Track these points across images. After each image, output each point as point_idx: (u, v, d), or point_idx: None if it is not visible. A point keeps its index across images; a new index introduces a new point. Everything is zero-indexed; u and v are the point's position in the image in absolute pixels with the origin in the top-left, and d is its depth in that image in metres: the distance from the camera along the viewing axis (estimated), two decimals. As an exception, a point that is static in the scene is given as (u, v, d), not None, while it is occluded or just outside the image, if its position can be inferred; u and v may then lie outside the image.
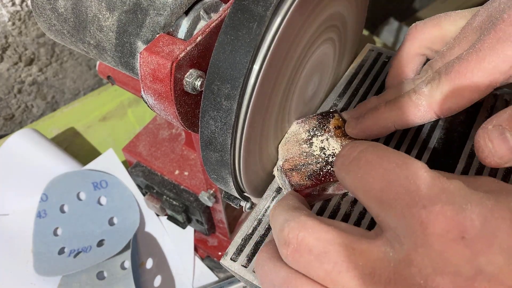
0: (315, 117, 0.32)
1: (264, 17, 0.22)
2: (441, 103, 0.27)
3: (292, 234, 0.21)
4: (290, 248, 0.21)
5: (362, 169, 0.22)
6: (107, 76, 0.50)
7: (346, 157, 0.23)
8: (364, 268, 0.19)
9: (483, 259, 0.17)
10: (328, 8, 0.29)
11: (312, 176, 0.29)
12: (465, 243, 0.18)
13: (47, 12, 0.32)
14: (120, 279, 0.56)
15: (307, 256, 0.20)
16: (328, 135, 0.31)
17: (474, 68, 0.26)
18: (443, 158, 0.31)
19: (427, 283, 0.18)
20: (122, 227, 0.60)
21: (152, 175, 0.56)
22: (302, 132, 0.31)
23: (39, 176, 0.62)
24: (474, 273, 0.17)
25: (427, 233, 0.18)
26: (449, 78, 0.26)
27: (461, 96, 0.26)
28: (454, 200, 0.19)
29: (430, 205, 0.19)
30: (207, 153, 0.27)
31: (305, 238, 0.21)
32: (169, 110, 0.28)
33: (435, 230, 0.18)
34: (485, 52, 0.25)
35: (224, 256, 0.28)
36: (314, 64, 0.31)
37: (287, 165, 0.30)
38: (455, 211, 0.18)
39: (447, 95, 0.27)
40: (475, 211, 0.18)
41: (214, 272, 0.62)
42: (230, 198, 0.33)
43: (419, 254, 0.18)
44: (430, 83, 0.28)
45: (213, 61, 0.24)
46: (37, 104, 0.85)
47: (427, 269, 0.18)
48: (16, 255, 0.59)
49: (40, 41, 0.76)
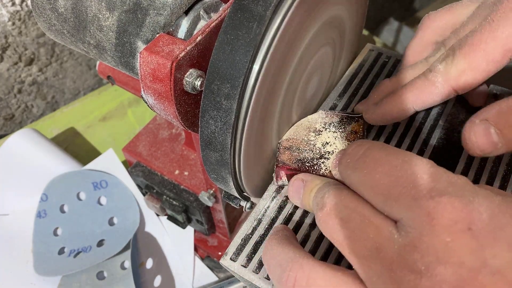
0: (339, 115, 0.32)
1: (264, 16, 0.22)
2: (458, 78, 0.27)
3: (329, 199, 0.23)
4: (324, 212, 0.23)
5: (369, 166, 0.22)
6: (107, 76, 0.50)
7: (352, 155, 0.23)
8: (373, 241, 0.20)
9: (489, 252, 0.17)
10: (328, 8, 0.29)
11: (300, 161, 0.29)
12: (472, 234, 0.18)
13: (47, 12, 0.32)
14: (120, 279, 0.56)
15: (334, 220, 0.22)
16: (340, 134, 0.31)
17: (487, 38, 0.25)
18: (443, 158, 0.31)
19: (428, 270, 0.18)
20: (122, 227, 0.60)
21: (152, 175, 0.56)
22: (319, 122, 0.32)
23: (39, 176, 0.62)
24: (479, 265, 0.17)
25: (434, 223, 0.18)
26: (464, 52, 0.26)
27: (477, 68, 0.26)
28: (463, 193, 0.19)
29: (437, 196, 0.19)
30: (207, 153, 0.27)
31: (337, 204, 0.22)
32: (169, 110, 0.28)
33: (443, 221, 0.18)
34: (498, 22, 0.25)
35: (224, 256, 0.28)
36: (314, 64, 0.31)
37: (285, 142, 0.30)
38: (463, 203, 0.18)
39: (463, 69, 0.26)
40: (483, 205, 0.18)
41: (214, 272, 0.62)
42: (230, 198, 0.33)
43: (424, 242, 0.18)
44: (445, 60, 0.27)
45: (213, 61, 0.24)
46: (37, 104, 0.85)
47: (430, 257, 0.18)
48: (16, 255, 0.59)
49: (40, 41, 0.76)
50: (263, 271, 0.27)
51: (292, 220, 0.29)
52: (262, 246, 0.28)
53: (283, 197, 0.30)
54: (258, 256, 0.27)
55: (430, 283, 0.18)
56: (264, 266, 0.26)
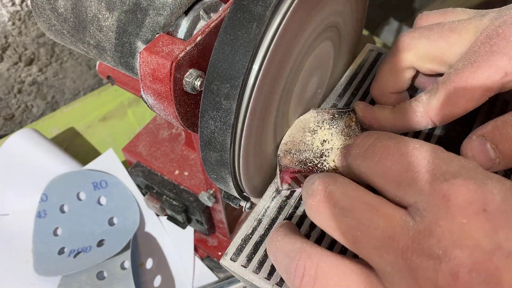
0: (330, 111, 0.32)
1: (263, 16, 0.22)
2: (437, 110, 0.28)
3: (322, 186, 0.22)
4: (316, 199, 0.22)
5: (379, 154, 0.22)
6: (107, 76, 0.50)
7: (361, 145, 0.24)
8: (384, 230, 0.20)
9: (503, 234, 0.17)
10: (328, 8, 0.29)
11: (302, 162, 0.29)
12: (486, 216, 0.18)
13: (47, 12, 0.32)
14: (120, 279, 0.56)
15: (332, 209, 0.21)
16: (335, 130, 0.31)
17: (468, 78, 0.27)
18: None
19: (446, 254, 0.18)
20: (122, 227, 0.60)
21: (152, 175, 0.56)
22: (312, 121, 0.31)
23: (39, 176, 0.62)
24: (493, 247, 0.17)
25: (449, 205, 0.19)
26: (445, 87, 0.28)
27: (456, 104, 0.28)
28: (475, 175, 0.19)
29: (452, 178, 0.19)
30: (206, 153, 0.27)
31: (333, 191, 0.22)
32: (169, 110, 0.28)
33: (458, 202, 0.18)
34: (479, 64, 0.27)
35: (224, 256, 0.28)
36: (313, 64, 0.31)
37: (284, 147, 0.30)
38: (477, 184, 0.19)
39: (443, 103, 0.28)
40: (496, 187, 0.19)
41: (214, 272, 0.62)
42: (230, 198, 0.33)
43: (440, 226, 0.18)
44: (429, 92, 0.29)
45: (213, 61, 0.24)
46: (37, 104, 0.85)
47: (446, 241, 0.18)
48: (16, 255, 0.59)
49: (40, 41, 0.76)
50: (263, 271, 0.27)
51: (292, 220, 0.29)
52: (262, 246, 0.28)
53: (283, 197, 0.30)
54: (258, 256, 0.27)
55: (448, 267, 0.18)
56: (269, 258, 0.26)
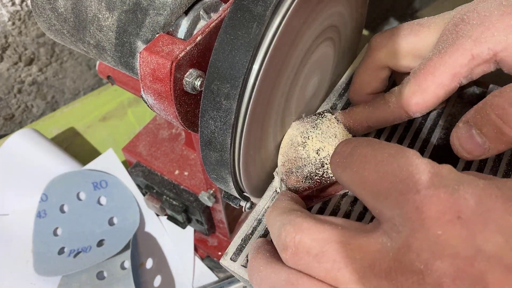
0: (308, 119, 0.31)
1: (263, 16, 0.22)
2: (408, 99, 0.29)
3: (289, 238, 0.21)
4: (289, 252, 0.21)
5: (357, 163, 0.22)
6: (107, 76, 0.50)
7: (340, 154, 0.23)
8: (362, 261, 0.19)
9: (481, 238, 0.17)
10: (328, 8, 0.29)
11: (308, 178, 0.28)
12: (461, 223, 0.18)
13: (47, 12, 0.32)
14: (120, 279, 0.56)
15: (306, 258, 0.21)
16: (322, 136, 0.30)
17: (436, 63, 0.27)
18: (443, 158, 0.31)
19: (427, 267, 0.18)
20: (122, 227, 0.60)
21: (152, 175, 0.56)
22: (297, 134, 0.31)
23: (39, 176, 0.62)
24: (473, 252, 0.17)
25: (423, 217, 0.18)
26: (415, 76, 0.28)
27: (426, 91, 0.28)
28: (447, 183, 0.19)
29: (423, 190, 0.19)
30: (206, 153, 0.27)
31: (302, 240, 0.21)
32: (169, 110, 0.28)
33: (431, 213, 0.18)
34: (446, 49, 0.27)
35: (224, 256, 0.28)
36: (314, 64, 0.31)
37: (283, 168, 0.30)
38: (449, 192, 0.18)
39: (414, 91, 0.28)
40: (468, 191, 0.18)
41: (214, 272, 0.62)
42: (230, 198, 0.33)
43: (417, 239, 0.18)
44: (402, 83, 0.29)
45: (213, 61, 0.24)
46: (37, 104, 0.85)
47: (426, 254, 0.18)
48: (16, 255, 0.59)
49: (40, 41, 0.76)
50: (263, 271, 0.26)
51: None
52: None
53: (283, 197, 0.30)
54: (258, 256, 0.27)
55: (432, 279, 0.17)
56: None
